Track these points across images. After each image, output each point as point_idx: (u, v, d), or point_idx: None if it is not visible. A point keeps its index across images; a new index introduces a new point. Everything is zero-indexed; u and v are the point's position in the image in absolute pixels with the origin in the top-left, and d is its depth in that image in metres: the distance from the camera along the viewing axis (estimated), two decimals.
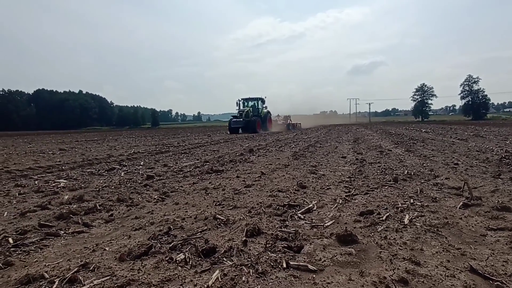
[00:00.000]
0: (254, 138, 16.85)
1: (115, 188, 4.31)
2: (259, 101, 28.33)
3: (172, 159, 7.64)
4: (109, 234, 2.55)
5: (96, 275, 1.76)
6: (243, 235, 2.29)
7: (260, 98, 28.34)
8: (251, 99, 28.17)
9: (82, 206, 3.34)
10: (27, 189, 4.28)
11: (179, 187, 4.31)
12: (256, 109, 27.44)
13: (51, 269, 1.88)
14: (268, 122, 28.23)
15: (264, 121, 27.34)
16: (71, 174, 5.55)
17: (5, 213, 3.18)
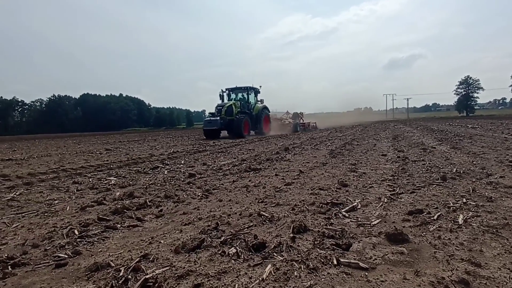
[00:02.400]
0: (288, 137, 16.78)
1: (161, 186, 4.54)
2: (250, 93, 19.86)
3: (210, 158, 7.86)
4: (161, 228, 2.70)
5: (156, 265, 1.89)
6: (290, 231, 2.32)
7: (252, 88, 19.94)
8: (239, 89, 19.91)
9: (133, 202, 3.56)
10: (83, 186, 4.64)
11: (220, 185, 4.44)
12: (245, 103, 19.27)
13: (115, 258, 2.05)
14: (264, 121, 19.96)
15: (257, 120, 19.24)
16: (120, 172, 5.92)
17: (68, 207, 3.49)
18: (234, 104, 18.31)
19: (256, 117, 19.35)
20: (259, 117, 19.46)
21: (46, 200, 3.87)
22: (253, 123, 19.08)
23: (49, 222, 2.93)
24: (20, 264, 2.06)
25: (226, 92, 19.87)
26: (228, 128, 17.54)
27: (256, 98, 20.35)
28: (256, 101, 20.30)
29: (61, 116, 76.55)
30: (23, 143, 20.65)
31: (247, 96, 19.86)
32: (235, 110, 18.01)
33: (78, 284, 1.75)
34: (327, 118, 36.51)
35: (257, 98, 20.41)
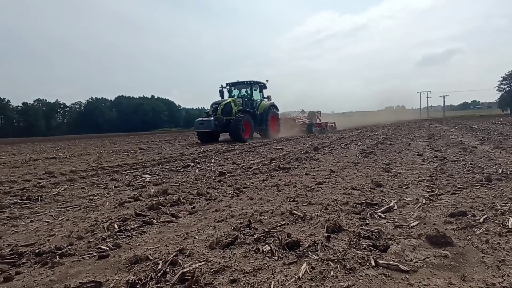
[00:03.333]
0: (317, 136, 16.53)
1: (193, 183, 4.64)
2: (255, 88, 16.58)
3: (239, 157, 7.93)
4: (195, 225, 2.76)
5: (192, 260, 1.93)
6: (324, 231, 2.28)
7: (256, 82, 16.64)
8: (241, 84, 16.73)
9: (167, 198, 3.67)
10: (120, 183, 4.87)
11: (250, 183, 4.46)
12: (248, 101, 16.00)
13: (153, 252, 2.12)
14: (271, 122, 16.69)
15: (262, 120, 16.05)
16: (153, 170, 6.14)
17: (107, 203, 3.67)
18: (233, 101, 15.19)
19: (261, 116, 16.06)
20: (264, 116, 16.10)
21: (88, 195, 4.10)
22: (258, 123, 15.83)
23: (91, 216, 3.10)
24: (67, 254, 2.19)
25: (227, 87, 16.75)
26: (226, 130, 14.61)
27: (262, 94, 17.11)
28: (262, 98, 17.03)
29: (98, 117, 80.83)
30: (65, 143, 22.08)
31: (250, 92, 16.47)
32: (234, 108, 14.89)
33: (120, 275, 1.82)
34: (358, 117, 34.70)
35: (263, 94, 17.14)
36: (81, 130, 66.90)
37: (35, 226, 2.91)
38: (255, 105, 16.31)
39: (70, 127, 75.55)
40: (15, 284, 1.81)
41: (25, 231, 2.79)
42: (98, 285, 1.70)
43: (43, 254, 2.18)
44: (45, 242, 2.45)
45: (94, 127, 72.26)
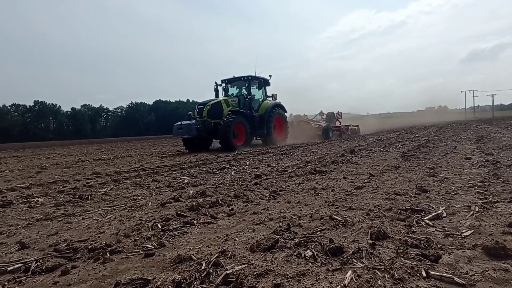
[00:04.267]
0: (352, 138, 16.04)
1: (230, 185, 4.71)
2: (253, 84, 13.95)
3: (274, 160, 7.92)
4: (234, 227, 2.79)
5: (234, 262, 1.95)
6: (368, 237, 2.19)
7: (255, 77, 13.83)
8: (237, 81, 14.15)
9: (206, 200, 3.75)
10: (161, 184, 5.07)
11: (286, 187, 4.43)
12: (246, 100, 13.47)
13: (196, 252, 2.17)
14: (276, 125, 14.16)
15: (263, 123, 13.37)
16: (191, 172, 6.33)
17: (149, 203, 3.83)
18: (225, 101, 12.61)
19: (261, 119, 13.36)
20: (266, 118, 13.37)
21: (132, 195, 4.32)
22: (257, 127, 13.13)
23: (136, 216, 3.26)
24: (116, 251, 2.31)
25: (223, 85, 14.14)
26: (215, 136, 11.92)
27: (264, 92, 14.40)
28: (265, 97, 14.43)
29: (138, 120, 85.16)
30: (108, 145, 23.52)
31: (247, 89, 13.68)
32: (226, 109, 12.36)
33: (166, 274, 1.89)
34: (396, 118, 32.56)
35: (266, 92, 14.48)
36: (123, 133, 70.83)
37: (87, 223, 3.11)
38: (255, 105, 13.75)
39: (112, 130, 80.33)
40: (72, 278, 1.94)
41: (78, 227, 3.00)
42: (146, 282, 1.77)
43: (95, 250, 2.32)
44: (96, 238, 2.61)
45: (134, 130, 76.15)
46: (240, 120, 12.37)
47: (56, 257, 2.22)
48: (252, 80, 13.94)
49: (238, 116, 12.40)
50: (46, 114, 77.15)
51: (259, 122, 13.43)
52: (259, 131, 13.49)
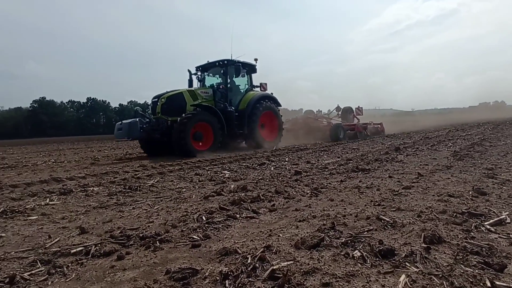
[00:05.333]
0: (396, 136, 15.22)
1: (269, 181, 4.71)
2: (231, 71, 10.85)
3: (313, 156, 7.78)
4: (276, 222, 2.79)
5: (280, 258, 1.94)
6: (421, 241, 2.06)
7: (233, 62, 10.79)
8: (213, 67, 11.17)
9: (247, 195, 3.79)
10: (203, 178, 5.22)
11: (327, 184, 4.33)
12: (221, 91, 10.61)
13: (241, 246, 2.20)
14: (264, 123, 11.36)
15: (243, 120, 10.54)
16: (231, 167, 6.44)
17: (193, 195, 3.97)
18: (189, 92, 9.72)
19: (241, 115, 10.45)
20: (249, 115, 10.43)
21: (176, 188, 4.50)
22: (234, 125, 10.14)
23: (182, 207, 3.39)
24: (165, 240, 2.42)
25: (198, 74, 11.27)
26: (162, 138, 9.18)
27: (248, 80, 11.52)
28: (251, 86, 11.52)
29: None
30: None
31: (224, 77, 10.65)
32: (190, 103, 9.53)
33: (213, 265, 1.94)
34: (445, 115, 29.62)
35: (251, 81, 11.57)
36: None
37: (137, 212, 3.30)
38: (235, 97, 10.84)
39: None
40: (126, 263, 2.07)
41: (129, 216, 3.19)
42: (195, 272, 1.83)
43: (146, 238, 2.45)
44: (146, 227, 2.76)
45: None
46: (203, 117, 9.18)
47: (112, 243, 2.38)
48: (229, 66, 10.62)
49: (200, 112, 9.25)
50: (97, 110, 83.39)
51: (238, 119, 10.30)
52: (238, 130, 10.34)
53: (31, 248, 2.37)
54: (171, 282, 1.75)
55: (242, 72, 11.17)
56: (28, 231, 2.79)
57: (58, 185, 5.04)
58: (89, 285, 1.80)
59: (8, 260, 2.16)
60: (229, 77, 10.91)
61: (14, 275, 1.85)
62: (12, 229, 2.86)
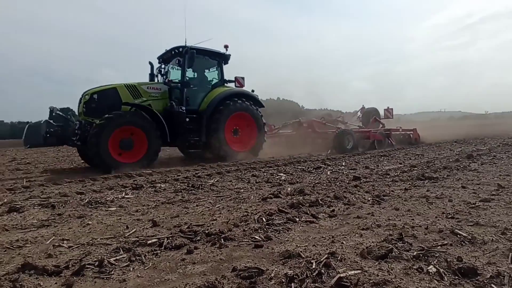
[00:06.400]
0: (467, 141, 13.76)
1: (327, 185, 4.62)
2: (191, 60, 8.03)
3: (372, 161, 7.43)
4: (338, 229, 2.73)
5: (346, 266, 1.90)
6: (509, 261, 1.85)
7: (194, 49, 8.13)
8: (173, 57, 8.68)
9: (305, 198, 3.76)
10: (260, 179, 5.32)
11: (390, 192, 4.10)
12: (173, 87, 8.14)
13: (303, 250, 2.20)
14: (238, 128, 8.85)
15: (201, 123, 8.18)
16: (286, 169, 6.46)
17: (251, 196, 4.06)
18: (125, 88, 7.54)
19: (198, 118, 8.23)
20: (208, 117, 8.21)
21: (235, 188, 4.66)
22: (185, 131, 7.94)
23: (241, 207, 3.50)
24: (229, 238, 2.53)
25: (160, 66, 9.11)
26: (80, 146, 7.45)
27: (219, 73, 9.13)
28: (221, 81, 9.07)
29: None
30: None
31: (182, 70, 8.23)
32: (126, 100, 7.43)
33: (277, 267, 1.97)
34: None
35: (222, 75, 9.11)
36: None
37: (200, 210, 3.49)
38: (198, 94, 8.57)
39: None
40: (195, 257, 2.20)
41: (193, 213, 3.38)
42: (260, 272, 1.88)
43: (211, 235, 2.58)
44: (210, 224, 2.90)
45: None
46: (132, 120, 7.05)
47: (181, 237, 2.55)
48: (188, 54, 8.05)
49: (129, 114, 7.16)
50: None
51: (194, 123, 8.12)
52: (193, 137, 8.08)
53: (113, 236, 2.66)
54: (238, 279, 1.83)
55: (209, 63, 8.98)
56: (109, 220, 3.13)
57: (130, 180, 5.55)
58: (164, 274, 1.96)
59: (96, 246, 2.45)
60: (191, 68, 8.59)
61: (102, 259, 2.09)
62: (96, 218, 3.24)
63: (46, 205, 3.69)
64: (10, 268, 2.03)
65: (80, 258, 2.16)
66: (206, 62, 9.01)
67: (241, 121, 8.89)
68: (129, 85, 7.70)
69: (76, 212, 3.42)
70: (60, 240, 2.57)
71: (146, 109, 7.49)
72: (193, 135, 8.13)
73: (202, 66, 9.07)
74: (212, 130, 8.20)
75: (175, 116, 7.75)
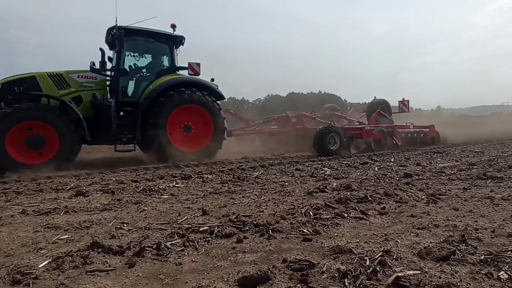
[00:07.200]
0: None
1: (375, 182, 4.43)
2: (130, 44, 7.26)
3: (424, 158, 6.98)
4: (390, 227, 2.61)
5: (403, 266, 1.81)
6: None
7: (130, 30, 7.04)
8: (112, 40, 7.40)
9: (353, 194, 3.65)
10: (304, 173, 5.27)
11: (447, 191, 3.82)
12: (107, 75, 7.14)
13: (355, 246, 2.14)
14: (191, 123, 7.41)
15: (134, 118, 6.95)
16: (331, 164, 6.32)
17: (296, 190, 4.04)
18: (47, 77, 6.55)
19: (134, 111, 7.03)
20: (144, 110, 7.02)
21: (279, 181, 4.67)
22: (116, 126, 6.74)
23: (287, 200, 3.49)
24: (277, 230, 2.54)
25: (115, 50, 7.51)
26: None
27: (169, 59, 7.80)
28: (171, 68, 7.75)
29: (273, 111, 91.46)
30: None
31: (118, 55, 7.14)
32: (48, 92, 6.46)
33: (328, 261, 1.94)
34: None
35: (173, 61, 7.76)
36: None
37: (246, 201, 3.55)
38: (140, 84, 7.55)
39: None
40: (245, 246, 2.25)
41: (240, 203, 3.45)
42: (311, 265, 1.87)
43: (259, 226, 2.62)
44: (257, 216, 2.94)
45: None
46: (38, 113, 6.12)
47: (231, 226, 2.62)
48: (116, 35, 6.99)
49: (32, 107, 6.10)
50: None
51: (127, 117, 6.96)
52: (125, 134, 6.95)
53: (167, 222, 2.82)
54: (289, 271, 1.83)
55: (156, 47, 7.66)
56: (162, 207, 3.32)
57: (178, 170, 5.83)
58: (217, 261, 2.03)
59: (152, 230, 2.61)
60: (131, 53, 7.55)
61: (160, 243, 2.23)
62: (151, 204, 3.45)
63: (107, 191, 4.01)
64: (80, 246, 2.25)
65: (139, 241, 2.32)
66: (152, 46, 7.61)
67: (194, 116, 7.44)
68: (53, 73, 6.66)
69: (132, 198, 3.67)
70: (120, 223, 2.78)
71: (62, 102, 6.46)
72: (127, 131, 6.92)
73: (147, 51, 7.80)
74: (150, 126, 6.88)
75: (99, 110, 6.67)
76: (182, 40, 7.80)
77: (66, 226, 2.70)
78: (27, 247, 2.28)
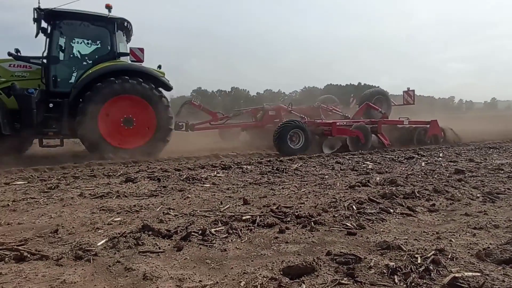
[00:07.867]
0: None
1: (423, 178, 4.19)
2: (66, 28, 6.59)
3: (478, 154, 6.44)
4: (441, 225, 2.45)
5: (459, 266, 1.70)
6: None
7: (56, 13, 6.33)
8: None
9: (398, 190, 3.47)
10: (345, 166, 5.12)
11: (506, 190, 3.50)
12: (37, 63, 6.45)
13: (404, 243, 2.04)
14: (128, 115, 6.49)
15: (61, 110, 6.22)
16: (373, 158, 6.08)
17: (337, 183, 3.94)
18: None
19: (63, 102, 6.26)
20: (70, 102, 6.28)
21: (319, 174, 4.59)
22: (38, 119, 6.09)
23: (328, 193, 3.43)
24: (319, 222, 2.51)
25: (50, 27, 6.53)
26: None
27: (109, 45, 6.81)
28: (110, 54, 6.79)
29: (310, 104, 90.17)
30: None
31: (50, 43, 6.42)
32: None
33: (375, 256, 1.87)
34: None
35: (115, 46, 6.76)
36: None
37: (286, 192, 3.54)
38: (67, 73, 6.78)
39: None
40: (287, 237, 2.25)
41: (280, 195, 3.45)
42: (358, 259, 1.82)
43: (301, 217, 2.60)
44: (298, 207, 2.92)
45: None
46: None
47: (272, 216, 2.64)
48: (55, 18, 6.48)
49: None
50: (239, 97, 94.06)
51: (55, 110, 6.35)
52: (51, 128, 6.34)
53: (210, 209, 2.90)
54: (334, 263, 1.80)
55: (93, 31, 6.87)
56: (205, 195, 3.42)
57: (218, 161, 5.96)
58: (260, 249, 2.05)
59: (197, 216, 2.71)
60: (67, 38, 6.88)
61: (205, 229, 2.30)
62: (194, 192, 3.58)
63: (153, 178, 4.23)
64: (132, 228, 2.40)
65: (186, 226, 2.42)
66: (89, 30, 6.82)
67: (135, 108, 6.56)
68: None
69: (177, 186, 3.83)
70: (167, 209, 2.92)
71: None
72: (55, 125, 6.28)
73: (84, 36, 7.05)
74: (78, 123, 6.16)
75: (19, 101, 6.00)
76: (125, 23, 7.03)
77: (119, 209, 2.90)
78: (86, 226, 2.48)
